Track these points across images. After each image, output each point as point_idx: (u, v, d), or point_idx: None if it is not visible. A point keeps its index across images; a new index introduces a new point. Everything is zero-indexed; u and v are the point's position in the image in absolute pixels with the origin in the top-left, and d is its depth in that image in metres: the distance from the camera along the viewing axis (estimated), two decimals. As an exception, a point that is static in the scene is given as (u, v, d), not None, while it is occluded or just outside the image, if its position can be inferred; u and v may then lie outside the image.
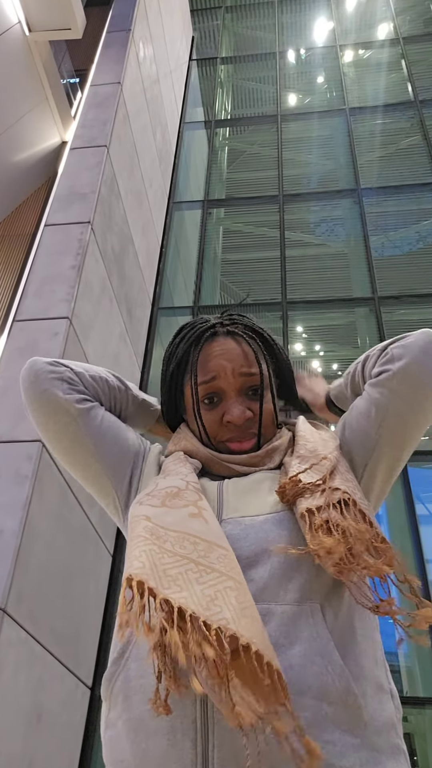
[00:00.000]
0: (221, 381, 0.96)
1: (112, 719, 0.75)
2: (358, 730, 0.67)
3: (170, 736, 0.66)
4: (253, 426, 0.95)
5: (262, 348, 1.01)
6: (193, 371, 0.98)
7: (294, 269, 6.80)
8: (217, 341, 0.99)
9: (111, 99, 5.77)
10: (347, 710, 0.67)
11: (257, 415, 0.95)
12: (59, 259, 4.39)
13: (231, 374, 0.96)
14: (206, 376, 0.97)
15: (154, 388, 5.87)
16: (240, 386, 0.96)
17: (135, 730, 0.69)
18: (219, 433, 0.96)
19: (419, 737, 4.89)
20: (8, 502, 3.17)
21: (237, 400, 0.95)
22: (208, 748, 0.65)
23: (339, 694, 0.67)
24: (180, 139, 8.60)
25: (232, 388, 0.96)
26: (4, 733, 2.85)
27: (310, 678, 0.67)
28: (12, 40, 5.65)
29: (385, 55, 9.67)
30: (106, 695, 0.77)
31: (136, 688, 0.72)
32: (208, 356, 0.98)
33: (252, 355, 0.98)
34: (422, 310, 6.43)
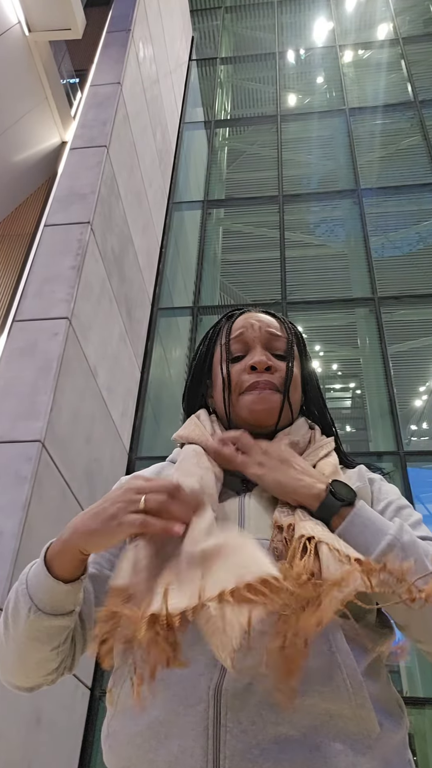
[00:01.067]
0: (247, 334, 0.98)
1: (115, 726, 0.74)
2: (370, 741, 0.67)
3: (180, 743, 0.66)
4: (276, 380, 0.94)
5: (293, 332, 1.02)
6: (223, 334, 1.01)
7: (294, 270, 6.80)
8: (248, 313, 1.04)
9: (111, 99, 5.77)
10: (360, 722, 0.67)
11: (281, 372, 0.94)
12: (59, 260, 4.39)
13: (258, 330, 0.98)
14: (234, 333, 0.99)
15: (153, 388, 5.88)
16: (266, 342, 0.98)
17: (142, 736, 0.69)
18: (241, 381, 0.94)
19: (419, 737, 4.88)
20: (7, 503, 3.17)
21: (262, 351, 0.96)
22: (219, 757, 0.64)
23: (353, 708, 0.67)
24: (180, 140, 8.60)
25: (258, 341, 0.97)
26: (4, 735, 2.85)
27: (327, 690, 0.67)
28: (12, 41, 5.65)
29: (384, 55, 9.67)
30: (111, 701, 0.76)
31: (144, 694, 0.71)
32: (239, 321, 1.01)
33: (280, 325, 1.01)
34: (422, 310, 6.43)
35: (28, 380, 3.65)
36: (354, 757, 0.65)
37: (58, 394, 3.68)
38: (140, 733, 0.69)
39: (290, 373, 0.95)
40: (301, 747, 0.64)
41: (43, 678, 0.80)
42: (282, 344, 0.98)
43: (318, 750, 0.64)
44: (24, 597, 0.75)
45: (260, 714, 0.66)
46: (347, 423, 8.40)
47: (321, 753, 0.64)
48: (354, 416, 7.95)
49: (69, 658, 0.81)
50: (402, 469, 4.99)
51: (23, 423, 3.47)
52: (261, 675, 0.67)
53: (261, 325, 0.99)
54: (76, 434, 3.95)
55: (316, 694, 0.66)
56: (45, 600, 0.74)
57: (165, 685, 0.69)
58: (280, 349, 0.98)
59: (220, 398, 0.97)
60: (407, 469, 4.98)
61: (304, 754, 0.64)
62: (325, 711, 0.66)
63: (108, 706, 0.78)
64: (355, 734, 0.66)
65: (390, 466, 5.23)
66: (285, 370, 0.95)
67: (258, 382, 0.93)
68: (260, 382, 0.93)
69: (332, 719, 0.66)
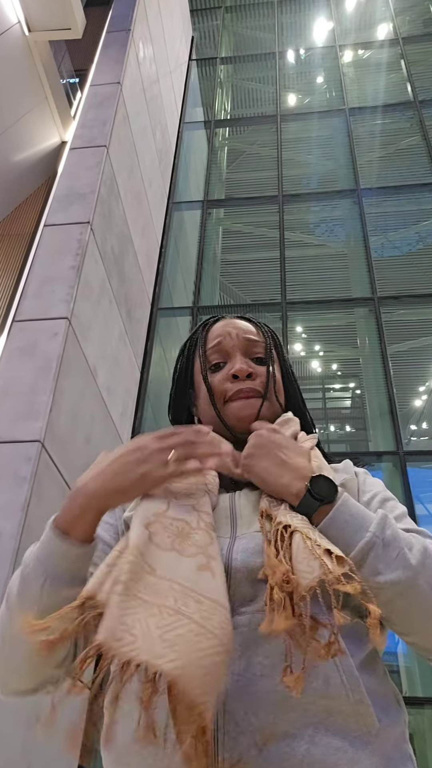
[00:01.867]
0: (225, 343, 0.99)
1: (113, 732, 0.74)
2: (369, 737, 0.67)
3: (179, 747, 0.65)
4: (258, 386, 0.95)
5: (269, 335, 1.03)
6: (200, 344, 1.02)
7: (293, 270, 6.80)
8: (223, 320, 1.05)
9: (111, 99, 5.77)
10: (359, 718, 0.67)
11: (261, 377, 0.96)
12: (59, 260, 4.39)
13: (235, 337, 0.99)
14: (212, 342, 1.00)
15: (154, 388, 5.87)
16: (244, 348, 0.99)
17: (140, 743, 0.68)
18: (224, 391, 0.95)
19: (419, 737, 4.88)
20: (7, 504, 3.17)
21: (241, 359, 0.97)
22: (218, 759, 0.64)
23: (352, 704, 0.67)
24: (179, 139, 8.60)
25: (237, 349, 0.98)
26: (3, 736, 2.85)
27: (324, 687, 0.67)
28: (12, 40, 5.64)
29: (384, 55, 9.67)
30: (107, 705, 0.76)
31: None
32: (215, 329, 1.02)
33: (257, 330, 1.02)
34: (422, 310, 6.43)
35: (27, 380, 3.65)
36: (354, 753, 0.65)
37: (58, 394, 3.68)
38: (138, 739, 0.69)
39: (272, 377, 0.96)
40: (300, 745, 0.64)
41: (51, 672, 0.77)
42: (260, 348, 0.99)
43: (317, 747, 0.64)
44: (34, 572, 0.75)
45: (257, 714, 0.66)
46: (347, 423, 8.40)
47: (320, 750, 0.64)
48: (354, 416, 7.96)
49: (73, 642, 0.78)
50: (402, 469, 4.99)
51: (23, 423, 3.47)
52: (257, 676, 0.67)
53: (238, 332, 1.00)
54: (76, 434, 3.95)
55: (312, 692, 0.66)
56: (62, 567, 0.73)
57: None
58: (259, 353, 0.99)
59: (205, 408, 0.98)
60: (407, 469, 4.98)
61: (303, 752, 0.64)
62: (324, 708, 0.66)
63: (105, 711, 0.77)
64: (354, 730, 0.66)
65: (390, 466, 5.23)
66: (266, 374, 0.96)
67: (241, 390, 0.94)
68: (243, 389, 0.94)
69: (331, 716, 0.66)
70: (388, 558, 0.71)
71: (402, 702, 0.76)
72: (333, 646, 0.63)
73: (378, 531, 0.73)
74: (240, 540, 0.79)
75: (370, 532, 0.72)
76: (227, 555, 0.76)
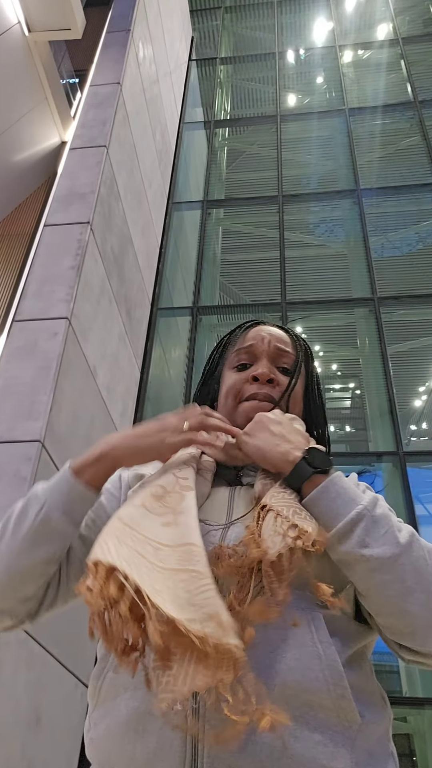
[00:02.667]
0: (257, 346, 1.01)
1: (96, 718, 0.74)
2: (351, 732, 0.67)
3: (159, 736, 0.66)
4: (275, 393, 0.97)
5: (303, 351, 1.05)
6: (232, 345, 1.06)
7: (293, 270, 6.80)
8: (262, 326, 1.07)
9: (110, 99, 5.77)
10: (341, 713, 0.67)
11: (281, 386, 0.97)
12: (58, 260, 4.39)
13: (267, 343, 1.01)
14: (244, 343, 1.03)
15: (154, 388, 5.87)
16: (273, 356, 1.01)
17: (122, 729, 0.69)
18: (242, 389, 0.98)
19: (419, 737, 4.88)
20: (7, 504, 3.15)
21: (267, 363, 1.00)
22: (198, 748, 0.64)
23: (333, 699, 0.67)
24: (179, 140, 8.60)
25: (265, 354, 1.01)
26: (3, 735, 2.85)
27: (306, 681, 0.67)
28: (12, 41, 5.64)
29: (384, 55, 9.67)
30: (92, 693, 0.77)
31: (125, 685, 0.71)
32: (251, 333, 1.05)
33: (291, 342, 1.04)
34: (422, 310, 6.43)
35: (27, 380, 3.65)
36: (334, 748, 0.65)
37: (58, 394, 3.68)
38: (119, 725, 0.69)
39: (291, 388, 0.98)
40: (282, 734, 0.64)
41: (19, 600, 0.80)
42: (289, 360, 1.01)
43: (297, 741, 0.64)
44: (36, 500, 0.81)
45: None
46: (347, 423, 8.40)
47: (300, 744, 0.64)
48: (353, 416, 7.95)
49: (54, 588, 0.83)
50: (402, 469, 4.99)
51: (23, 423, 3.47)
52: None
53: (271, 339, 1.02)
54: (76, 434, 3.95)
55: (295, 685, 0.66)
56: (61, 501, 0.80)
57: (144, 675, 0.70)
58: (286, 364, 1.01)
59: (222, 403, 1.01)
60: (407, 469, 4.98)
61: (283, 743, 0.64)
62: (305, 702, 0.66)
63: (89, 699, 0.78)
64: (336, 725, 0.66)
65: (390, 466, 5.23)
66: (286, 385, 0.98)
67: (257, 393, 0.96)
68: (259, 393, 0.96)
69: (312, 710, 0.66)
70: (376, 533, 0.72)
71: (387, 700, 0.76)
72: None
73: (369, 506, 0.74)
74: (234, 527, 0.81)
75: (361, 505, 0.74)
76: (220, 542, 0.78)
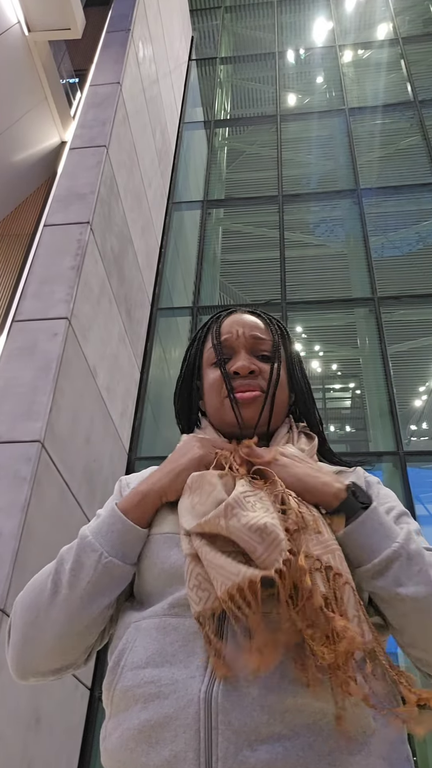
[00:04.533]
0: (232, 340, 0.99)
1: (110, 728, 0.74)
2: (365, 737, 0.66)
3: (172, 747, 0.65)
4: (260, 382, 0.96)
5: (279, 333, 1.04)
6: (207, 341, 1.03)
7: (293, 270, 6.80)
8: (234, 315, 1.05)
9: (110, 99, 5.77)
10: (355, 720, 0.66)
11: (264, 374, 0.96)
12: (58, 260, 4.38)
13: (242, 335, 1.00)
14: (219, 338, 1.01)
15: (153, 389, 5.87)
16: (250, 346, 0.99)
17: (135, 740, 0.68)
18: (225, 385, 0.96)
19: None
20: (7, 504, 3.17)
21: (246, 356, 0.98)
22: (212, 760, 0.64)
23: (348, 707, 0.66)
24: (179, 139, 8.60)
25: (242, 346, 0.99)
26: (3, 736, 2.84)
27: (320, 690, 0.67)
28: (11, 40, 5.64)
29: (384, 55, 9.67)
30: (107, 703, 0.76)
31: (136, 697, 0.71)
32: (223, 324, 1.03)
33: (266, 327, 1.03)
34: (422, 310, 6.42)
35: (27, 380, 3.65)
36: (349, 755, 0.64)
37: (58, 394, 3.68)
38: (133, 737, 0.69)
39: (275, 375, 0.96)
40: (294, 746, 0.64)
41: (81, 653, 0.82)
42: (267, 346, 1.00)
43: (311, 749, 0.64)
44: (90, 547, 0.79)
45: (252, 715, 0.65)
46: (347, 423, 8.40)
47: (314, 752, 0.64)
48: (354, 416, 7.95)
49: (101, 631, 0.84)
50: (402, 469, 4.98)
51: (22, 423, 3.47)
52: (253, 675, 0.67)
53: (245, 329, 1.00)
54: (76, 434, 3.94)
55: (309, 694, 0.66)
56: (117, 547, 0.80)
57: (156, 687, 0.69)
58: (265, 351, 0.99)
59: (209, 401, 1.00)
60: (407, 469, 4.98)
61: (297, 753, 0.63)
62: (319, 710, 0.66)
63: (105, 707, 0.78)
64: (349, 732, 0.66)
65: (390, 466, 5.22)
66: (269, 372, 0.96)
67: (241, 386, 0.95)
68: (243, 383, 0.95)
69: (326, 717, 0.66)
70: (410, 571, 0.71)
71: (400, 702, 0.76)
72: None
73: (404, 543, 0.73)
74: None
75: (397, 543, 0.73)
76: None
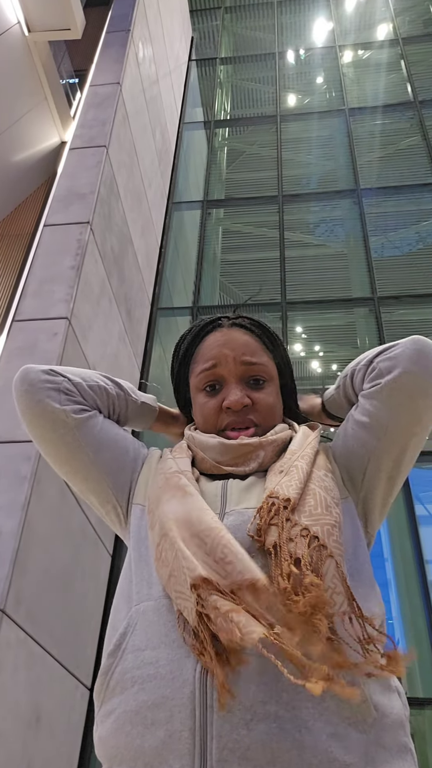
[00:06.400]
0: (222, 368, 0.96)
1: (103, 715, 0.74)
2: (365, 726, 0.66)
3: (168, 727, 0.65)
4: (253, 415, 0.94)
5: (267, 343, 1.01)
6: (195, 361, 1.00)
7: (293, 270, 6.80)
8: (221, 331, 1.01)
9: (110, 99, 5.77)
10: (355, 707, 0.66)
11: (257, 404, 0.95)
12: (58, 260, 4.39)
13: (232, 362, 0.96)
14: (207, 363, 0.97)
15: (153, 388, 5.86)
16: (241, 374, 0.96)
17: (131, 722, 0.68)
18: (218, 420, 0.95)
19: (419, 737, 4.88)
20: (7, 503, 3.17)
21: (237, 386, 0.95)
22: (207, 738, 0.63)
23: None
24: (179, 140, 8.60)
25: (233, 375, 0.96)
26: (3, 735, 2.85)
27: None
28: (11, 41, 5.64)
29: (384, 55, 9.67)
30: (100, 689, 0.76)
31: (134, 679, 0.71)
32: (211, 345, 0.99)
33: (255, 345, 0.99)
34: (422, 310, 6.42)
35: (27, 380, 3.64)
36: (347, 741, 0.64)
37: (58, 394, 3.67)
38: (129, 719, 0.68)
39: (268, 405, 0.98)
40: (291, 727, 0.63)
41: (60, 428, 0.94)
42: (259, 370, 0.97)
43: (308, 731, 0.63)
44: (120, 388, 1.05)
45: (248, 694, 0.64)
46: (347, 423, 8.38)
47: (311, 734, 0.63)
48: (353, 416, 7.93)
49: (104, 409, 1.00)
50: (401, 469, 4.98)
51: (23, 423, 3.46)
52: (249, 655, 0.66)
53: (236, 354, 0.96)
54: (76, 434, 3.94)
55: None
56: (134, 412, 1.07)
57: (154, 668, 0.69)
58: (259, 373, 0.97)
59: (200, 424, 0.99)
60: (407, 469, 4.97)
61: (294, 734, 0.62)
62: None
63: (95, 699, 0.78)
64: (349, 717, 0.65)
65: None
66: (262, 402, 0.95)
67: (235, 421, 0.94)
68: (237, 421, 0.94)
69: (324, 701, 0.65)
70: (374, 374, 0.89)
71: (403, 694, 0.75)
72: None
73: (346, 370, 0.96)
74: (228, 516, 0.80)
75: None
76: None
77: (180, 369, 1.05)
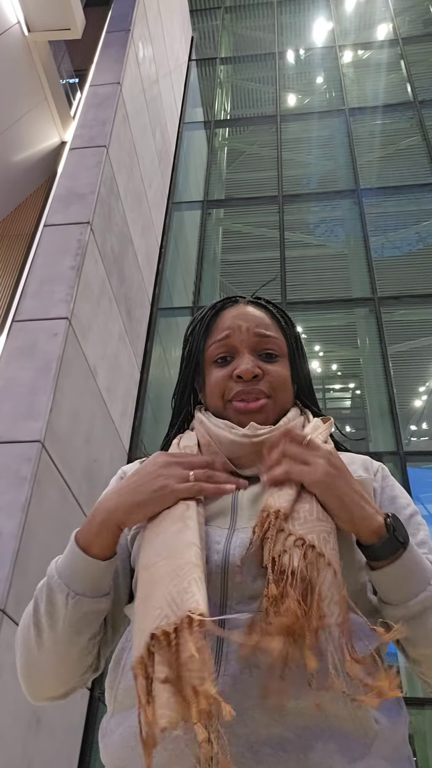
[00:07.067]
0: (234, 338, 0.94)
1: (112, 725, 0.73)
2: (367, 740, 0.66)
3: (174, 746, 0.64)
4: (263, 386, 0.90)
5: (281, 322, 0.99)
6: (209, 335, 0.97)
7: (293, 270, 6.80)
8: (237, 307, 0.99)
9: (110, 99, 5.77)
10: (356, 722, 0.66)
11: (268, 376, 0.91)
12: (58, 260, 4.38)
13: (246, 332, 0.94)
14: (220, 334, 0.95)
15: (153, 389, 5.87)
16: (254, 345, 0.93)
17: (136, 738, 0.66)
18: (227, 389, 0.91)
19: (419, 738, 4.88)
20: (7, 504, 3.16)
21: (249, 357, 0.92)
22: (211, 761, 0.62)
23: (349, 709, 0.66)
24: (179, 140, 8.60)
25: (245, 346, 0.93)
26: (4, 736, 2.84)
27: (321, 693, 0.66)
28: (11, 41, 5.64)
29: (384, 55, 9.67)
30: (109, 700, 0.76)
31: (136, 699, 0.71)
32: (225, 318, 0.97)
33: (270, 321, 0.97)
34: (422, 310, 6.42)
35: (27, 380, 3.65)
36: (350, 756, 0.64)
37: (58, 394, 3.67)
38: (134, 734, 0.67)
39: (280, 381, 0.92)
40: (295, 748, 0.63)
41: (80, 678, 0.81)
42: (273, 344, 0.94)
43: (313, 751, 0.63)
44: (58, 587, 0.75)
45: (253, 716, 0.64)
46: (347, 423, 8.39)
47: (316, 753, 0.63)
48: (354, 416, 7.95)
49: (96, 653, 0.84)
50: (402, 469, 4.98)
51: (23, 423, 3.46)
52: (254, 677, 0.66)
53: (249, 325, 0.94)
54: (76, 434, 3.94)
55: (310, 696, 0.65)
56: (84, 583, 0.75)
57: None
58: (270, 349, 0.94)
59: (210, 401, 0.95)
60: (407, 469, 4.98)
61: (298, 755, 0.63)
62: (320, 712, 0.65)
63: (107, 704, 0.78)
64: (351, 734, 0.65)
65: (390, 466, 5.23)
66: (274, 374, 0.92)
67: (243, 391, 0.90)
68: (246, 390, 0.90)
69: (327, 720, 0.65)
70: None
71: (403, 704, 0.75)
72: None
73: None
74: (238, 533, 0.77)
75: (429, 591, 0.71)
76: (225, 548, 0.75)
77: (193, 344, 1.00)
